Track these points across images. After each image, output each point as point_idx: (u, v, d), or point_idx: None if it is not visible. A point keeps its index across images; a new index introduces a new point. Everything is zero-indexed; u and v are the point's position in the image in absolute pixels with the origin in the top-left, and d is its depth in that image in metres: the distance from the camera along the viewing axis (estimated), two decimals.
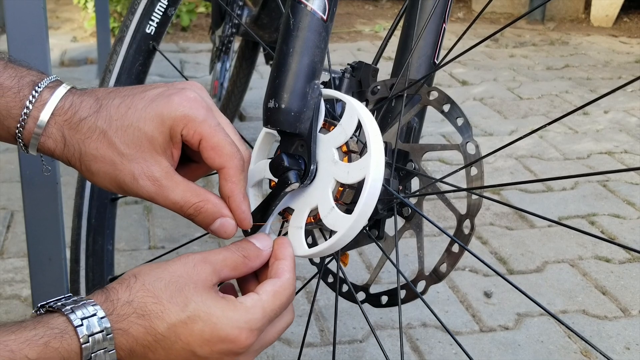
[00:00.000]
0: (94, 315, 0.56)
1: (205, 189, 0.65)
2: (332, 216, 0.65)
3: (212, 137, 0.63)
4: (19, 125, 0.64)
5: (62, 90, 0.65)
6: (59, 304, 0.57)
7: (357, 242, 0.76)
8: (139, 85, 0.67)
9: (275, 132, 0.71)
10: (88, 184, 1.00)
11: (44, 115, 0.64)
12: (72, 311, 0.56)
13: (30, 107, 0.64)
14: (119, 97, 0.65)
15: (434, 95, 0.75)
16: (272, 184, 0.70)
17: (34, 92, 0.64)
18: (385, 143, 0.75)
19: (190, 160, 0.69)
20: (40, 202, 0.94)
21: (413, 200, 0.78)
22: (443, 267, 0.73)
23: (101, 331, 0.55)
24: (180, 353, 0.58)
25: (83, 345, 0.55)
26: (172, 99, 0.64)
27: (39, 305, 0.59)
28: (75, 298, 0.58)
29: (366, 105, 0.78)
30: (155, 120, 0.63)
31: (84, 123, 0.64)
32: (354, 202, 0.66)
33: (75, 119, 0.64)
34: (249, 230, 0.69)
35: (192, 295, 0.58)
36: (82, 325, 0.55)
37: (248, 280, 0.66)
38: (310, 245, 0.68)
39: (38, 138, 0.64)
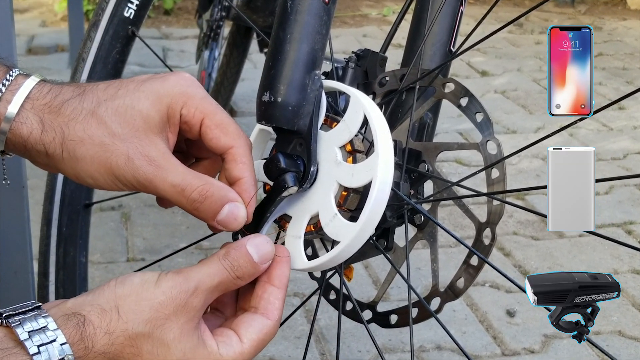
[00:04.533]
0: None
1: (204, 175, 0.65)
2: (334, 224, 0.65)
3: (216, 114, 0.64)
4: None
5: (36, 78, 0.65)
6: (23, 335, 0.55)
7: (362, 253, 0.76)
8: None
9: (270, 129, 0.71)
10: (59, 188, 1.00)
11: (19, 98, 0.63)
12: (38, 351, 0.55)
13: (3, 89, 0.63)
14: (104, 83, 0.65)
15: (449, 87, 0.75)
16: (267, 187, 0.70)
17: (7, 76, 0.64)
18: (395, 141, 0.75)
19: (187, 156, 0.70)
20: (4, 208, 0.94)
21: (426, 207, 0.78)
22: (460, 282, 0.73)
23: None
24: None
25: None
26: (168, 78, 0.65)
27: (3, 314, 0.57)
28: (42, 325, 0.56)
29: (373, 99, 0.78)
30: (151, 97, 0.64)
31: (67, 105, 0.63)
32: (359, 208, 0.66)
33: (56, 101, 0.64)
34: (239, 235, 0.69)
35: (174, 346, 0.59)
36: None
37: None
38: (310, 257, 0.68)
39: (10, 123, 0.63)
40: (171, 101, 0.64)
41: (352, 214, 0.67)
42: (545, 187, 0.66)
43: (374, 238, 0.77)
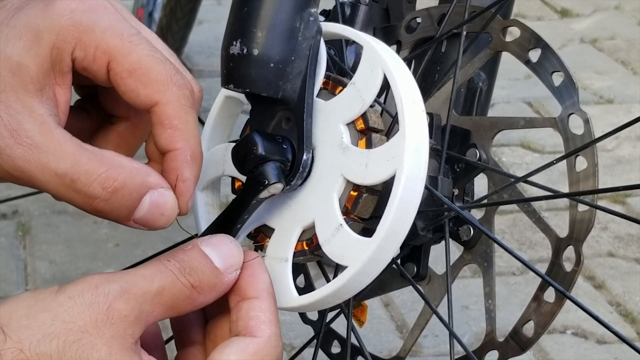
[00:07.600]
0: None
1: (109, 152, 0.62)
2: (338, 240, 0.66)
3: (130, 53, 0.62)
4: None
5: None
6: None
7: (381, 285, 0.76)
8: None
9: (242, 96, 0.71)
10: None
11: None
12: None
13: None
14: None
15: (513, 33, 0.75)
16: (237, 185, 0.70)
17: None
18: (431, 115, 0.75)
19: (110, 118, 0.69)
20: None
21: (477, 214, 0.78)
22: (528, 328, 0.73)
23: None
24: None
25: None
26: (54, 3, 0.62)
27: None
28: None
29: (398, 51, 0.78)
30: (26, 36, 0.62)
31: None
32: (376, 216, 0.66)
33: None
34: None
35: None
36: None
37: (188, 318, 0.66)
38: (301, 291, 0.68)
39: None
40: (56, 39, 0.62)
41: (366, 225, 0.67)
42: None
43: (399, 261, 0.77)
